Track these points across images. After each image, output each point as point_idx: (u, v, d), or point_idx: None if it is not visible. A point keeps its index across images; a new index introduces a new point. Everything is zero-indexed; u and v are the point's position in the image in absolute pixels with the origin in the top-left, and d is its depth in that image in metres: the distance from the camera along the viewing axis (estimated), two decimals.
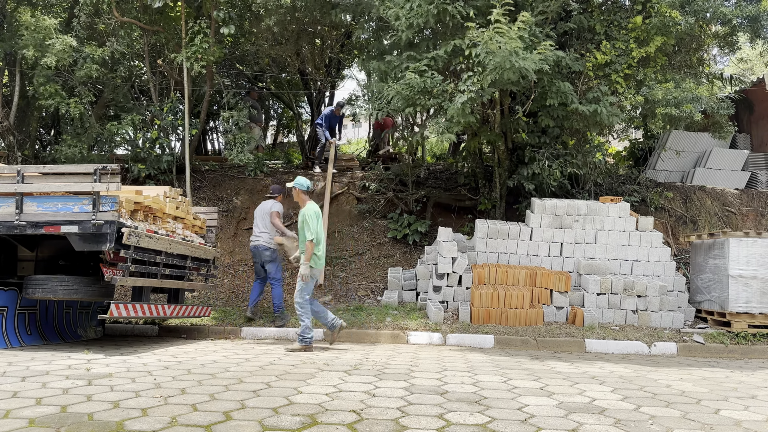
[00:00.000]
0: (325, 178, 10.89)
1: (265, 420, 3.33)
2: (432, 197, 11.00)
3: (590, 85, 8.87)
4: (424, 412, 3.61)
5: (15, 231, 5.82)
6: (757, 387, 4.95)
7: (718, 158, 12.10)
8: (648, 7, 8.90)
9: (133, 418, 3.31)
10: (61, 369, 4.87)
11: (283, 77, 15.29)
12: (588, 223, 9.04)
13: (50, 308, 7.01)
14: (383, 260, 10.23)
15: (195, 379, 4.55)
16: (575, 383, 4.78)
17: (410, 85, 7.99)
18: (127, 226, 5.89)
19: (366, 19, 10.58)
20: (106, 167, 5.78)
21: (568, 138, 9.90)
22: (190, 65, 10.21)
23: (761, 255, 7.84)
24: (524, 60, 7.32)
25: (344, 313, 8.31)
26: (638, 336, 7.59)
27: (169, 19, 11.68)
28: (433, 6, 7.91)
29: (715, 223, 11.09)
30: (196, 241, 7.57)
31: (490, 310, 7.94)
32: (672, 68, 9.93)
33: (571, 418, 3.55)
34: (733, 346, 7.45)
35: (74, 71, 10.36)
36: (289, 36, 12.50)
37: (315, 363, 5.55)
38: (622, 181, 11.65)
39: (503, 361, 6.03)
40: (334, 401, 3.85)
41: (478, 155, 10.85)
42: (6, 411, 3.41)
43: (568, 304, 8.24)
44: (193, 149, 11.72)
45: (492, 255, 8.95)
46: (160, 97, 11.91)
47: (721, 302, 7.98)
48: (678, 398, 4.30)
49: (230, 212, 11.04)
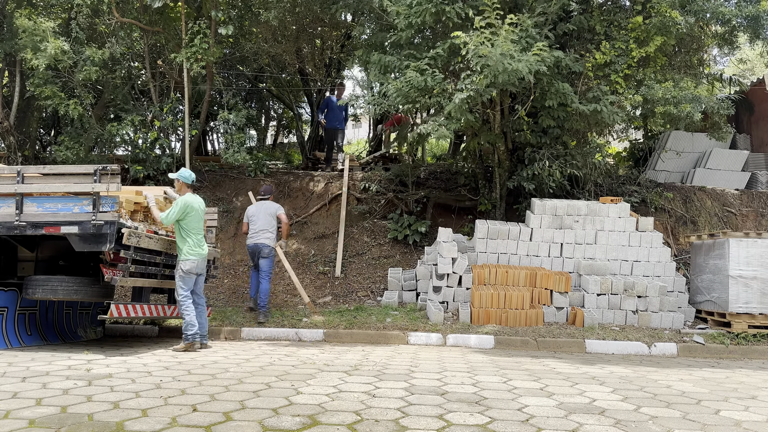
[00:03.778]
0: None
1: (266, 420, 3.33)
2: (432, 198, 11.00)
3: (590, 85, 8.87)
4: (424, 412, 3.61)
5: (15, 231, 5.82)
6: (757, 387, 4.95)
7: (718, 159, 12.10)
8: (648, 7, 8.90)
9: (133, 419, 3.31)
10: (61, 369, 4.87)
11: (282, 77, 15.30)
12: (588, 224, 9.04)
13: (50, 309, 7.00)
14: (383, 261, 10.23)
15: (195, 379, 4.55)
16: (575, 384, 4.78)
17: (410, 83, 8.00)
18: (127, 226, 5.90)
19: (366, 18, 10.59)
20: (106, 168, 5.78)
21: (569, 138, 9.90)
22: (190, 65, 10.21)
23: (761, 255, 7.84)
24: (518, 62, 7.30)
25: (344, 314, 8.31)
26: (638, 336, 7.59)
27: (168, 20, 11.68)
28: (432, 5, 7.91)
29: (715, 224, 11.09)
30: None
31: (490, 310, 7.94)
32: (672, 68, 9.93)
33: (571, 419, 3.55)
34: (734, 347, 7.45)
35: (74, 73, 10.36)
36: (289, 35, 12.51)
37: (315, 363, 5.55)
38: (622, 182, 11.65)
39: (503, 362, 6.03)
40: (334, 402, 3.85)
41: (478, 156, 10.85)
42: (6, 411, 3.41)
43: (568, 304, 8.24)
44: (193, 150, 11.72)
45: (492, 255, 8.95)
46: (160, 97, 11.91)
47: (722, 303, 7.98)
48: (678, 399, 4.29)
49: (230, 213, 11.04)
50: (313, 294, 9.40)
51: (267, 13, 10.59)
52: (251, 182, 11.69)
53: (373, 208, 11.14)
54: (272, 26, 11.68)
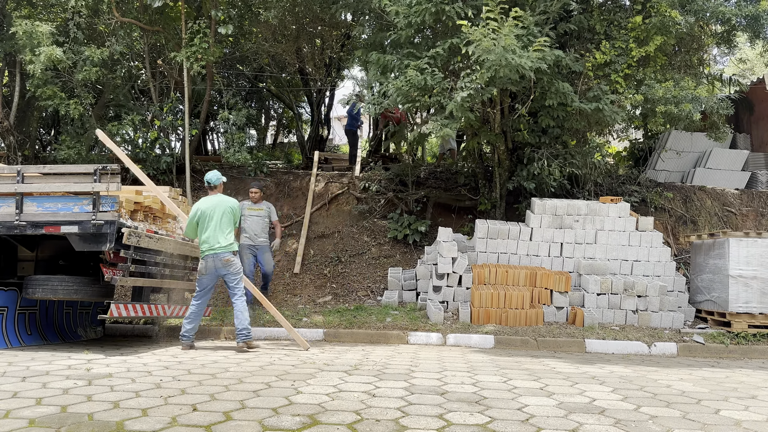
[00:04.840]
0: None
1: (266, 420, 3.33)
2: (432, 197, 11.00)
3: (590, 84, 8.87)
4: (424, 412, 3.61)
5: (15, 231, 5.82)
6: (757, 387, 4.95)
7: (718, 158, 12.10)
8: (648, 7, 8.89)
9: (133, 418, 3.31)
10: (62, 369, 4.87)
11: (282, 77, 15.30)
12: (588, 223, 9.05)
13: (50, 308, 7.01)
14: (383, 260, 10.23)
15: (195, 379, 4.55)
16: (575, 383, 4.78)
17: (410, 82, 8.00)
18: (127, 226, 5.89)
19: (366, 17, 10.59)
20: (106, 167, 5.78)
21: (569, 138, 9.90)
22: (190, 65, 10.21)
23: (761, 255, 7.84)
24: (520, 58, 7.31)
25: (344, 313, 8.32)
26: (638, 336, 7.59)
27: (168, 19, 11.68)
28: (432, 5, 7.91)
29: (715, 224, 11.09)
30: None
31: (490, 310, 7.94)
32: (672, 68, 9.92)
33: (571, 418, 3.55)
34: (734, 347, 7.45)
35: (74, 73, 10.35)
36: (289, 35, 12.51)
37: (315, 363, 5.55)
38: (622, 182, 11.65)
39: (503, 361, 6.03)
40: (334, 401, 3.85)
41: (478, 155, 10.85)
42: (6, 411, 3.41)
43: (568, 304, 8.24)
44: (193, 149, 11.72)
45: (492, 255, 8.95)
46: (160, 97, 11.90)
47: (721, 302, 7.98)
48: (678, 398, 4.30)
49: None
50: (313, 294, 9.40)
51: (267, 12, 10.60)
52: (251, 182, 11.68)
53: (373, 208, 11.14)
54: (272, 26, 11.69)
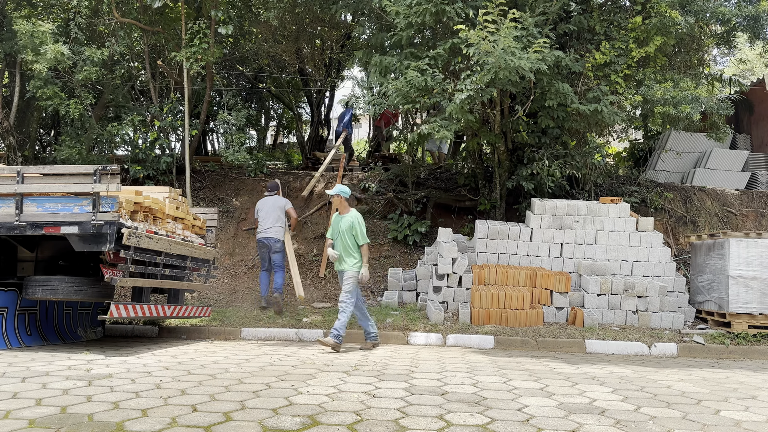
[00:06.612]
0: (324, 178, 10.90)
1: (266, 421, 3.33)
2: (432, 198, 11.00)
3: (590, 85, 8.88)
4: (424, 412, 3.61)
5: (15, 231, 5.81)
6: (758, 387, 4.95)
7: (718, 159, 12.10)
8: (648, 8, 8.90)
9: (133, 419, 3.31)
10: (61, 370, 4.87)
11: (282, 77, 15.30)
12: (588, 224, 9.04)
13: (50, 309, 7.00)
14: (383, 261, 10.23)
15: (195, 379, 4.55)
16: (575, 384, 4.77)
17: (410, 82, 8.00)
18: (127, 226, 5.89)
19: (366, 18, 10.58)
20: (106, 168, 5.77)
21: (568, 138, 9.89)
22: (190, 65, 10.21)
23: (761, 255, 7.84)
24: (520, 59, 7.31)
25: None
26: (638, 336, 7.59)
27: (168, 20, 11.68)
28: (432, 5, 7.91)
29: (716, 224, 11.09)
30: (196, 242, 7.57)
31: (490, 310, 7.94)
32: (672, 69, 9.93)
33: (571, 419, 3.55)
34: (734, 347, 7.45)
35: (74, 73, 10.36)
36: (289, 35, 12.51)
37: (315, 364, 5.55)
38: (622, 182, 11.65)
39: (503, 362, 6.03)
40: (334, 402, 3.85)
41: (478, 156, 10.85)
42: (6, 411, 3.41)
43: (569, 304, 8.23)
44: (193, 150, 11.72)
45: (492, 255, 8.95)
46: (160, 97, 11.91)
47: (722, 303, 7.98)
48: (678, 399, 4.29)
49: (230, 213, 11.04)
50: (313, 294, 9.40)
51: (267, 13, 10.60)
52: (251, 182, 11.69)
53: (373, 208, 11.13)
54: (272, 26, 11.69)
